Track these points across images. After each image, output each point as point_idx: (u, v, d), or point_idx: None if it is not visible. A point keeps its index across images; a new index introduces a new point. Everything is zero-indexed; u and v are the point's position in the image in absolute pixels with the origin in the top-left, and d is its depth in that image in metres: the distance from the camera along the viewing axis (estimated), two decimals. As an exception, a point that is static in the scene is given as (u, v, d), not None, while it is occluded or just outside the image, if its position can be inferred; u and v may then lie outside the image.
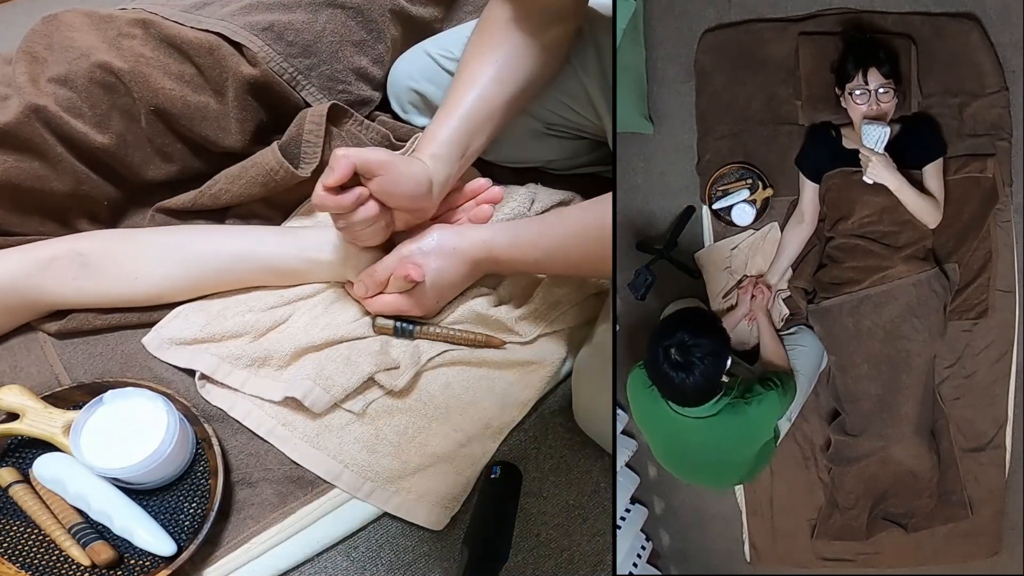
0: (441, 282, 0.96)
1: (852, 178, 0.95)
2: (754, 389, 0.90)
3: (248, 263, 0.99)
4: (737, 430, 0.90)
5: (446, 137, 0.95)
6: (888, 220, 0.95)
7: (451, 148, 0.95)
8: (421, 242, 0.96)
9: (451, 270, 0.96)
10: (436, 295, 0.97)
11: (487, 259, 0.96)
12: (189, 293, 1.00)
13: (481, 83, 0.97)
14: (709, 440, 0.91)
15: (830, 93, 0.96)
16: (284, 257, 0.99)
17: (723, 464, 0.97)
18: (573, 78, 1.05)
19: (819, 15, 0.99)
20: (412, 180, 0.91)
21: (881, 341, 0.96)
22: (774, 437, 0.99)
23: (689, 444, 0.94)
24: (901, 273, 0.94)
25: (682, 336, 0.83)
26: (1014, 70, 0.96)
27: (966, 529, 1.05)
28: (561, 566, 0.88)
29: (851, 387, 0.99)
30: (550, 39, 0.99)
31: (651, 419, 0.93)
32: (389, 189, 0.89)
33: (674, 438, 0.94)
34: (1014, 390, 1.01)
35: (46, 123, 0.97)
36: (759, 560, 1.09)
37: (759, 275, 1.02)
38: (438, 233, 0.96)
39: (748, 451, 0.95)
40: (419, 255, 0.95)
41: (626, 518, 1.07)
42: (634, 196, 1.05)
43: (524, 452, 0.95)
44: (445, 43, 1.12)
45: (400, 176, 0.89)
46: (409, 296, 0.95)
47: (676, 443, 0.95)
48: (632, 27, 0.96)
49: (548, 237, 0.94)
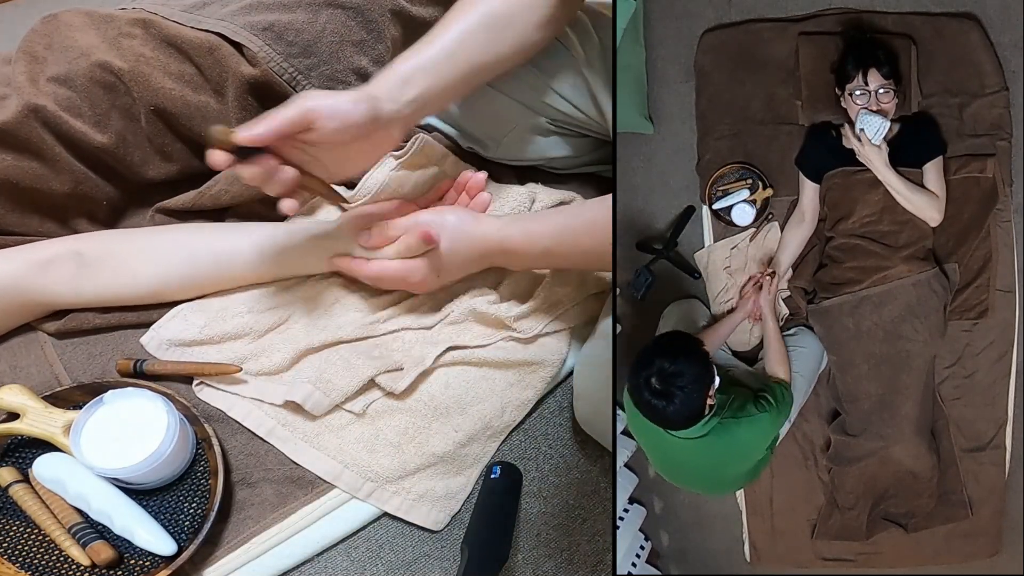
0: (450, 259, 0.94)
1: (853, 178, 0.95)
2: (747, 408, 0.89)
3: (245, 259, 0.99)
4: (728, 450, 0.89)
5: (409, 65, 0.89)
6: (888, 220, 0.95)
7: (410, 77, 0.89)
8: (440, 216, 0.95)
9: (463, 251, 0.95)
10: (439, 271, 0.95)
11: (499, 249, 0.95)
12: (188, 291, 1.00)
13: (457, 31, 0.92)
14: (701, 459, 0.90)
15: (830, 93, 0.96)
16: (281, 250, 0.98)
17: (717, 479, 0.96)
18: (578, 74, 1.05)
19: (819, 15, 0.99)
20: (347, 114, 0.84)
21: (881, 341, 0.96)
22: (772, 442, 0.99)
23: (682, 462, 0.93)
24: (901, 273, 0.94)
25: (660, 364, 0.82)
26: (1014, 70, 0.96)
27: (966, 529, 1.04)
28: (561, 566, 0.88)
29: (851, 387, 0.99)
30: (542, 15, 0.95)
31: (645, 435, 0.93)
32: (331, 130, 0.83)
33: (667, 455, 0.94)
34: (1014, 390, 1.01)
35: (45, 123, 0.97)
36: (759, 560, 1.09)
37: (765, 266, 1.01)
38: (458, 214, 0.96)
39: (741, 468, 0.94)
40: (437, 226, 0.93)
41: (624, 518, 1.06)
42: (634, 196, 1.05)
43: (524, 452, 0.95)
44: None
45: (332, 113, 0.83)
46: (412, 265, 0.93)
47: (670, 460, 0.95)
48: (632, 27, 0.96)
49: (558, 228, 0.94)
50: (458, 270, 0.97)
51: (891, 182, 0.92)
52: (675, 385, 0.81)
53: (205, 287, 1.00)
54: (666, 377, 0.81)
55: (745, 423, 0.88)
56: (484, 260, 0.97)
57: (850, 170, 0.94)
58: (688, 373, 0.82)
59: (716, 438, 0.87)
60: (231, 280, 1.00)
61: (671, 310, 1.05)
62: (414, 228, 0.92)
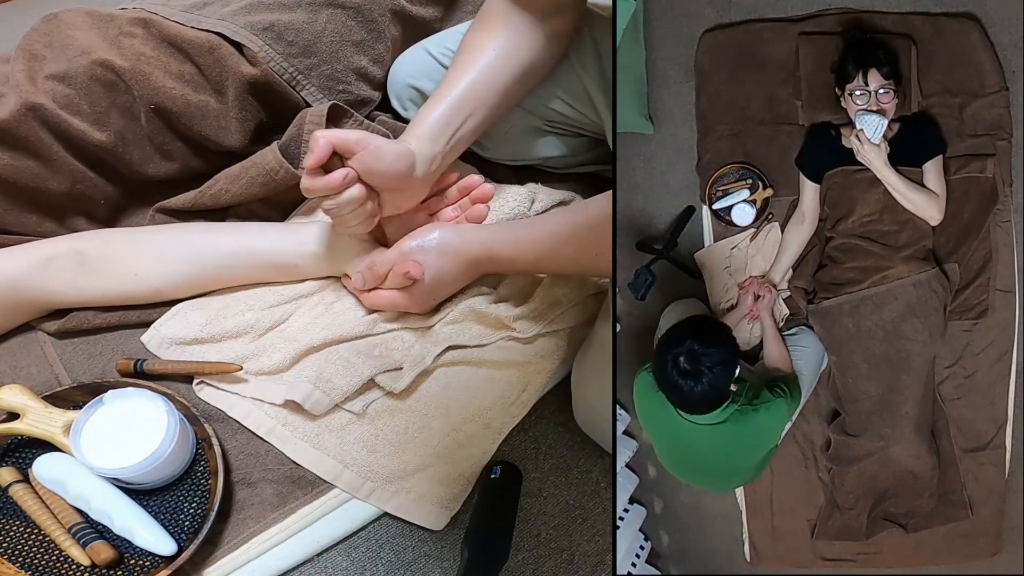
0: (440, 280, 0.96)
1: (852, 177, 0.95)
2: (762, 395, 0.90)
3: (247, 258, 0.99)
4: (744, 437, 0.90)
5: (433, 118, 0.95)
6: (888, 219, 0.95)
7: (438, 128, 0.95)
8: (422, 239, 0.96)
9: (451, 269, 0.96)
10: (433, 293, 0.97)
11: (487, 259, 0.96)
12: (189, 290, 1.00)
13: (476, 69, 0.97)
14: (716, 446, 0.91)
15: (830, 93, 0.96)
16: (282, 251, 1.00)
17: (729, 470, 0.97)
18: (572, 75, 1.06)
19: (819, 15, 0.99)
20: (392, 155, 0.90)
21: (881, 341, 0.96)
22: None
23: (695, 450, 0.93)
24: (901, 273, 0.94)
25: (691, 344, 0.82)
26: (1014, 70, 0.96)
27: (966, 529, 1.05)
28: (561, 566, 0.88)
29: (851, 387, 0.99)
30: (549, 30, 1.00)
31: (657, 423, 0.93)
32: (371, 165, 0.88)
33: (680, 443, 0.94)
34: (1014, 390, 1.01)
35: (42, 121, 0.97)
36: (759, 560, 1.09)
37: (762, 275, 1.02)
38: (439, 231, 0.97)
39: (754, 457, 0.95)
40: (419, 252, 0.95)
41: (624, 518, 1.07)
42: (634, 196, 1.05)
43: (524, 452, 0.95)
44: (445, 41, 1.12)
45: (380, 151, 0.89)
46: (407, 293, 0.96)
47: (682, 448, 0.95)
48: (632, 27, 0.96)
49: (548, 236, 0.94)
50: (451, 286, 0.99)
51: (891, 181, 0.92)
52: (704, 365, 0.82)
53: (207, 285, 1.00)
54: (696, 357, 0.82)
55: (762, 409, 0.89)
56: (475, 271, 0.98)
57: (850, 170, 0.94)
58: (717, 355, 0.82)
59: (734, 424, 0.88)
60: (231, 280, 1.01)
61: (671, 310, 1.05)
62: (399, 265, 0.94)
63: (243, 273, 1.00)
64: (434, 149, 0.95)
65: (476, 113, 0.97)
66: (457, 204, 1.03)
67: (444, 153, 0.96)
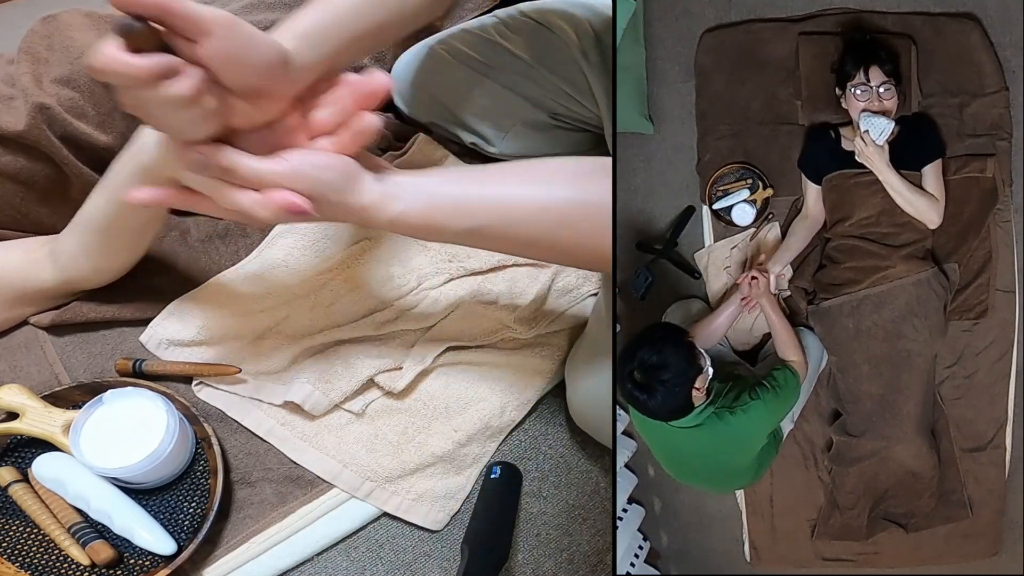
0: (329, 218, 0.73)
1: (851, 180, 0.95)
2: (741, 398, 0.89)
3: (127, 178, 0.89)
4: (724, 439, 0.89)
5: (318, 17, 0.75)
6: (887, 222, 0.95)
7: (322, 33, 0.74)
8: (318, 167, 0.69)
9: (339, 218, 0.73)
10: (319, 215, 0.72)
11: (388, 228, 0.74)
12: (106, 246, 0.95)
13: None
14: (700, 448, 0.90)
15: (830, 93, 0.96)
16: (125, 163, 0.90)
17: (719, 471, 0.96)
18: (575, 67, 1.06)
19: (819, 15, 0.99)
20: (262, 47, 0.67)
21: (881, 341, 0.95)
22: (776, 440, 0.98)
23: (682, 452, 0.93)
24: (901, 273, 0.94)
25: (643, 357, 0.81)
26: (1014, 70, 0.96)
27: (966, 529, 1.04)
28: (561, 566, 0.88)
29: (852, 388, 0.98)
30: None
31: (646, 426, 0.93)
32: (232, 55, 0.64)
33: (668, 445, 0.94)
34: (1014, 390, 1.01)
35: (51, 126, 0.97)
36: (759, 560, 1.09)
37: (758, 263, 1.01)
38: (342, 166, 0.70)
39: (742, 459, 0.94)
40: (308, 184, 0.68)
41: (624, 518, 1.06)
42: (634, 196, 1.05)
43: (524, 452, 0.95)
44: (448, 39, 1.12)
45: (248, 41, 0.65)
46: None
47: (670, 450, 0.95)
48: (632, 27, 0.96)
49: (494, 205, 0.73)
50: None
51: (892, 183, 0.92)
52: (657, 379, 0.81)
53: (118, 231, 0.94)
54: (648, 370, 0.81)
55: (739, 412, 0.88)
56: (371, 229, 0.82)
57: (848, 173, 0.94)
58: (671, 366, 0.81)
59: (711, 427, 0.87)
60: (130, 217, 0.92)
61: (672, 310, 1.05)
62: (278, 194, 0.67)
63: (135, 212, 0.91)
64: (314, 56, 0.72)
65: (364, 23, 0.78)
66: (333, 106, 0.72)
67: (320, 64, 0.73)
